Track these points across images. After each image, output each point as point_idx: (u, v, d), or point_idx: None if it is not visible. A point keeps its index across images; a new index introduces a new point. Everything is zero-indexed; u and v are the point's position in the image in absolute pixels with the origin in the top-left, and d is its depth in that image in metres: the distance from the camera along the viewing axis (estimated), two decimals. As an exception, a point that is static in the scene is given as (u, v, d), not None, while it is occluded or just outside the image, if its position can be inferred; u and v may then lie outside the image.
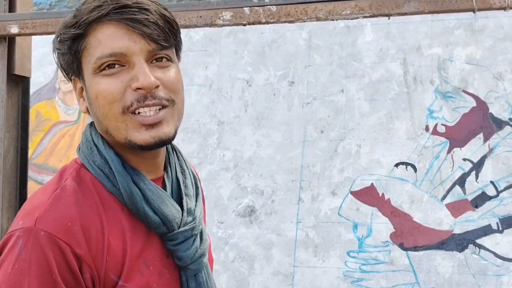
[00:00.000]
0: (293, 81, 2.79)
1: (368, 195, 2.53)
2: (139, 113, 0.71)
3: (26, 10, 1.46)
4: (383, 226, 2.50)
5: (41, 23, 1.33)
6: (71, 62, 0.73)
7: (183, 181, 0.80)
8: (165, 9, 0.73)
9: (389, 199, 2.50)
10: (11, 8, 1.43)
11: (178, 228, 0.74)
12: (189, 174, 0.82)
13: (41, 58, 3.22)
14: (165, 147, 0.79)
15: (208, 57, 2.90)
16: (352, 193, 2.57)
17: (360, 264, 2.50)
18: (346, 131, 2.65)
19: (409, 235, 2.43)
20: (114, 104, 0.70)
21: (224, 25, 1.23)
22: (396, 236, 2.47)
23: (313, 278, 2.58)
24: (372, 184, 2.55)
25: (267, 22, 1.21)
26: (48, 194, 0.70)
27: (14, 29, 1.34)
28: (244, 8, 1.21)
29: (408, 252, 2.44)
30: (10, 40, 1.41)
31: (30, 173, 3.42)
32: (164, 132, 0.72)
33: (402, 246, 2.45)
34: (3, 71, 1.38)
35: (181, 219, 0.75)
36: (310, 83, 2.75)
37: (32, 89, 1.62)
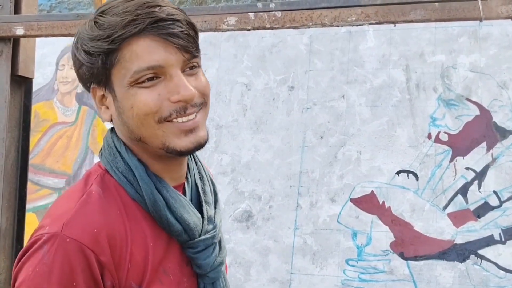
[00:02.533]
0: (293, 86, 2.72)
1: (368, 203, 2.44)
2: (177, 120, 0.71)
3: (31, 12, 1.46)
4: (383, 235, 2.41)
5: (47, 25, 1.32)
6: (99, 74, 0.71)
7: (202, 188, 0.79)
8: (188, 17, 0.74)
9: (389, 207, 2.41)
10: (17, 10, 1.42)
11: (199, 236, 0.74)
12: (208, 181, 0.81)
13: (40, 59, 3.20)
14: None
15: (208, 61, 2.85)
16: (351, 200, 2.49)
17: (359, 273, 2.40)
18: (347, 137, 2.56)
19: (410, 244, 2.34)
20: (149, 115, 0.70)
21: (228, 30, 1.21)
22: (396, 245, 2.37)
23: (310, 286, 2.49)
24: (372, 191, 2.46)
25: (271, 28, 1.18)
26: (74, 200, 0.69)
27: (19, 31, 1.33)
28: (249, 13, 1.19)
29: (409, 261, 2.35)
30: (15, 41, 1.41)
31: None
32: (201, 136, 0.72)
33: (402, 256, 2.36)
34: (7, 72, 1.38)
35: (202, 227, 0.75)
36: (310, 88, 2.68)
37: None
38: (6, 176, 1.38)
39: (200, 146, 0.72)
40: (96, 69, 0.71)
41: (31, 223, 3.35)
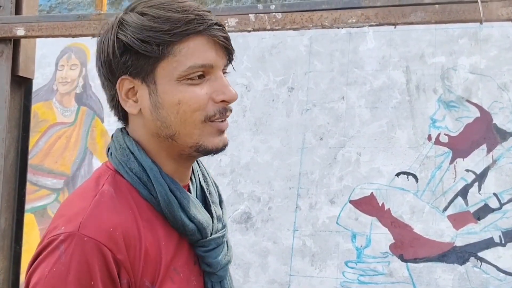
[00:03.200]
0: (292, 87, 2.71)
1: (368, 205, 2.43)
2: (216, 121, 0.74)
3: (31, 13, 1.47)
4: (383, 237, 2.40)
5: (47, 26, 1.32)
6: (143, 63, 0.73)
7: (207, 189, 0.82)
8: None
9: (389, 209, 2.40)
10: (17, 10, 1.43)
11: (211, 235, 0.76)
12: (211, 182, 0.84)
13: (39, 60, 3.20)
14: None
15: None
16: (351, 202, 2.48)
17: (358, 275, 2.39)
18: (346, 138, 2.56)
19: (409, 247, 2.33)
20: (197, 112, 0.73)
21: (229, 31, 1.23)
22: (395, 247, 2.36)
23: (309, 288, 2.48)
24: (372, 193, 2.45)
25: (272, 29, 1.20)
26: (88, 200, 0.70)
27: (20, 32, 1.34)
28: (250, 15, 1.20)
29: (408, 263, 2.34)
30: (15, 42, 1.42)
31: None
32: (226, 137, 0.77)
33: (401, 258, 2.35)
34: (7, 72, 1.38)
35: (212, 226, 0.77)
36: (310, 90, 2.67)
37: None
38: (5, 177, 1.37)
39: (225, 147, 0.77)
40: (147, 58, 0.72)
41: (29, 224, 3.32)
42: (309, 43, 2.70)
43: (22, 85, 1.45)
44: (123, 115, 0.78)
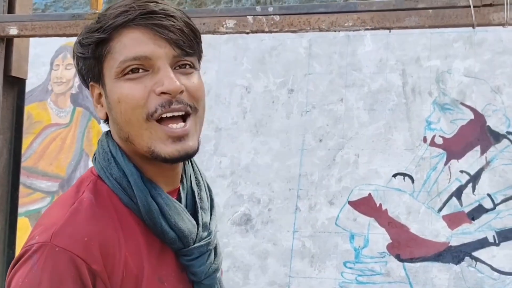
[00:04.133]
0: (292, 89, 2.86)
1: (366, 205, 2.61)
2: (162, 119, 0.72)
3: (25, 12, 1.50)
4: (380, 237, 2.58)
5: (41, 25, 1.34)
6: (93, 66, 0.75)
7: (198, 194, 0.81)
8: (189, 18, 0.77)
9: (386, 209, 2.59)
10: (10, 9, 1.46)
11: (194, 243, 0.76)
12: (204, 186, 0.83)
13: (34, 59, 3.23)
14: None
15: (207, 63, 2.99)
16: (349, 203, 2.65)
17: (356, 275, 2.57)
18: (345, 140, 2.73)
19: (406, 247, 2.52)
20: (137, 110, 0.71)
21: (227, 33, 1.29)
22: (392, 247, 2.55)
23: (308, 289, 2.65)
24: (369, 194, 2.63)
25: (270, 31, 1.27)
26: (65, 208, 0.71)
27: (13, 31, 1.36)
28: (248, 16, 1.27)
29: (405, 263, 2.53)
30: (8, 41, 1.43)
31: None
32: (190, 145, 0.73)
33: (398, 258, 2.53)
34: (0, 72, 1.41)
35: (197, 234, 0.76)
36: (309, 92, 2.83)
37: None
38: (-2, 179, 1.40)
39: (187, 156, 0.73)
40: (89, 61, 0.74)
41: (23, 228, 3.41)
42: (309, 45, 2.86)
43: (15, 85, 1.46)
44: (105, 120, 0.79)
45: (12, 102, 1.48)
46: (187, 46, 0.73)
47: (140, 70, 0.72)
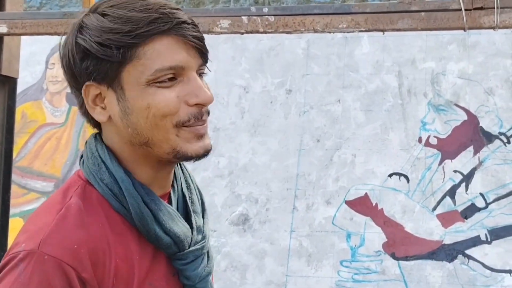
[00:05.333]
0: (290, 90, 2.98)
1: (362, 205, 2.76)
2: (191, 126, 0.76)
3: (16, 10, 1.50)
4: (376, 236, 2.73)
5: (32, 23, 1.34)
6: (108, 68, 0.74)
7: (189, 197, 0.83)
8: None
9: (382, 209, 2.74)
10: (0, 7, 1.48)
11: (189, 247, 0.78)
12: (195, 189, 0.85)
13: (28, 58, 3.31)
14: None
15: None
16: (346, 202, 2.80)
17: (352, 274, 2.71)
18: (342, 140, 2.88)
19: (401, 245, 2.67)
20: (168, 117, 0.74)
21: (221, 33, 1.36)
22: (388, 246, 2.71)
23: (305, 288, 2.79)
24: (366, 193, 2.78)
25: (264, 32, 1.30)
26: (52, 214, 0.71)
27: (2, 29, 1.36)
28: (242, 17, 1.30)
29: (400, 261, 2.68)
30: None
31: (13, 176, 3.36)
32: (208, 143, 0.77)
33: (393, 256, 2.69)
34: None
35: (192, 238, 0.78)
36: (307, 92, 2.96)
37: (18, 89, 1.66)
38: (-12, 181, 1.38)
39: (207, 153, 0.76)
40: (105, 62, 0.73)
41: (17, 228, 3.46)
42: (307, 46, 3.00)
43: (5, 84, 1.46)
44: (95, 122, 0.79)
45: (3, 101, 1.48)
46: (207, 55, 0.78)
47: (173, 79, 0.75)
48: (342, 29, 1.33)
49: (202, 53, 0.76)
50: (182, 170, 0.85)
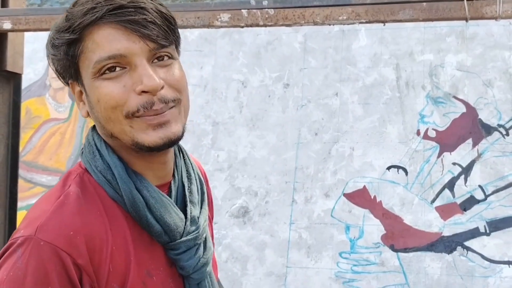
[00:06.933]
0: (288, 84, 2.88)
1: (361, 197, 2.65)
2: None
3: (19, 6, 1.48)
4: (375, 228, 2.63)
5: (35, 19, 1.33)
6: (68, 67, 0.72)
7: (188, 187, 0.79)
8: (161, 5, 0.73)
9: (380, 201, 2.64)
10: (4, 3, 1.45)
11: (181, 238, 0.74)
12: (195, 179, 0.81)
13: (31, 55, 3.25)
14: (172, 150, 0.79)
15: (203, 58, 2.98)
16: (345, 195, 2.70)
17: (351, 265, 2.62)
18: (340, 134, 2.77)
19: (400, 237, 2.57)
20: (117, 109, 0.70)
21: (221, 27, 1.28)
22: (387, 238, 2.60)
23: (305, 279, 2.69)
24: (364, 186, 2.67)
25: (264, 25, 1.25)
26: (51, 202, 0.70)
27: (6, 25, 1.34)
28: (242, 10, 1.25)
29: (399, 253, 2.58)
30: (2, 36, 1.42)
31: (19, 171, 3.41)
32: (173, 131, 0.71)
33: (392, 248, 2.59)
34: None
35: (184, 228, 0.75)
36: (305, 86, 2.85)
37: (22, 86, 1.61)
38: (-4, 174, 1.38)
39: (171, 142, 0.71)
40: (63, 62, 0.72)
41: None
42: (304, 40, 2.88)
43: (10, 80, 1.44)
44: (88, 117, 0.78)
45: (8, 97, 1.47)
46: (162, 39, 0.70)
47: (117, 69, 0.70)
48: (343, 21, 1.25)
49: (150, 37, 0.69)
50: (184, 160, 0.81)
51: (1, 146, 1.44)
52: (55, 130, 3.42)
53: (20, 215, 1.51)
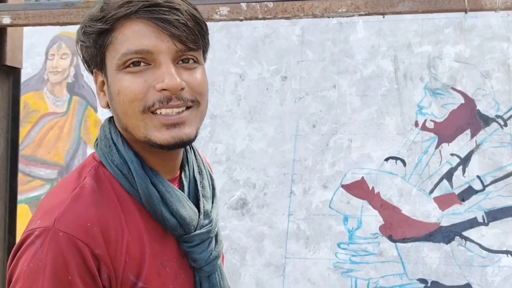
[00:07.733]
0: (285, 76, 2.83)
1: (359, 189, 2.61)
2: (160, 113, 0.70)
3: (18, 1, 1.46)
4: (373, 219, 2.58)
5: (34, 14, 1.30)
6: (95, 55, 0.72)
7: (201, 182, 0.79)
8: (195, 9, 0.73)
9: (378, 192, 2.59)
10: None
11: (195, 231, 0.74)
12: (206, 175, 0.81)
13: (29, 49, 3.19)
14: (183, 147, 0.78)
15: None
16: (343, 186, 2.65)
17: (350, 256, 2.58)
18: (338, 125, 2.72)
19: (398, 227, 2.52)
20: (135, 103, 0.69)
21: (221, 20, 1.24)
22: (385, 228, 2.55)
23: (304, 269, 2.65)
24: (362, 177, 2.62)
25: (264, 18, 1.22)
26: (67, 193, 0.70)
27: (6, 20, 1.32)
28: (241, 3, 1.22)
29: (397, 243, 2.54)
30: (1, 31, 1.39)
31: (18, 164, 3.37)
32: (185, 132, 0.71)
33: (391, 238, 2.54)
34: None
35: (198, 222, 0.75)
36: (302, 78, 2.80)
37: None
38: (-4, 168, 1.36)
39: (182, 143, 0.71)
40: (91, 50, 0.72)
41: (24, 214, 3.41)
42: (301, 32, 2.83)
43: (10, 74, 1.42)
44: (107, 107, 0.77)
45: (8, 91, 1.44)
46: (191, 42, 0.70)
47: (142, 64, 0.69)
48: (342, 13, 1.19)
49: (180, 39, 0.69)
50: (195, 155, 0.82)
51: (0, 140, 1.43)
52: (53, 124, 3.37)
53: (19, 209, 1.50)
